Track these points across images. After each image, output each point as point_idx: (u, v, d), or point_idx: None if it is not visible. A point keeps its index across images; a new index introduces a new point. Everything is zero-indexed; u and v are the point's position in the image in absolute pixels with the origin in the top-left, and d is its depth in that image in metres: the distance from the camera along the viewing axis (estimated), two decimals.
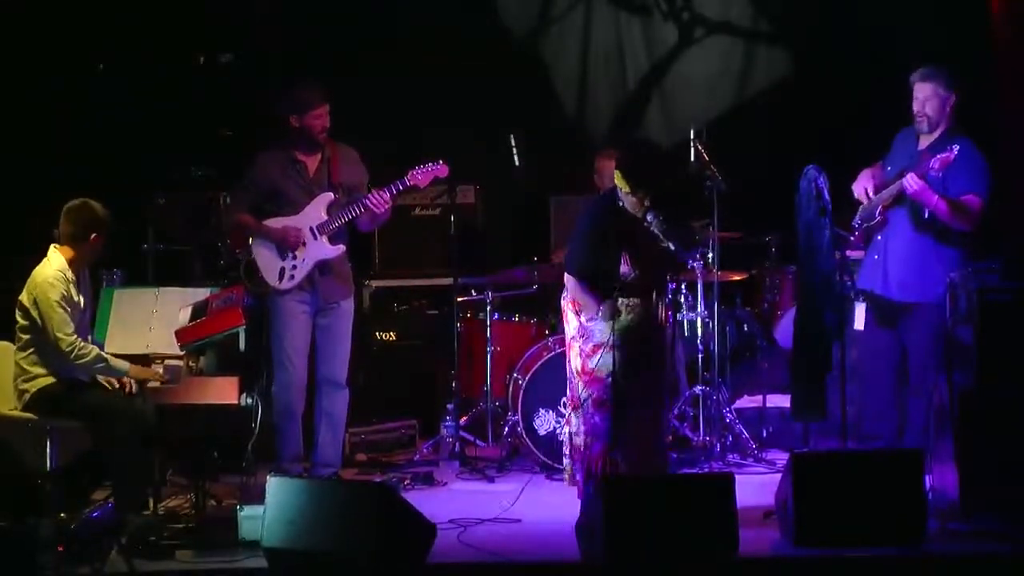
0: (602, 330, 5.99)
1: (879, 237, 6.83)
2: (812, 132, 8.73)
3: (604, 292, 6.02)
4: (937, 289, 6.58)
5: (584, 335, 6.11)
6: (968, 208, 6.58)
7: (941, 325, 6.57)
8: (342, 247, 6.95)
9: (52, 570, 5.41)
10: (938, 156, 6.43)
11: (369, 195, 6.88)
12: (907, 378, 6.78)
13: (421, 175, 6.94)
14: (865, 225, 6.86)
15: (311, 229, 6.89)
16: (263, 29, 8.89)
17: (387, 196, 6.87)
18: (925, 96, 6.72)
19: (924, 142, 6.77)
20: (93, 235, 6.27)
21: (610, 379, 5.97)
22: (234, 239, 7.37)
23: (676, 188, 6.17)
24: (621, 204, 6.09)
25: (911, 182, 6.49)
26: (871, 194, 6.79)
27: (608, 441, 5.94)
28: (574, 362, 6.17)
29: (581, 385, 6.07)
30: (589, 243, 6.12)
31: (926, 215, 6.61)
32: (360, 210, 6.89)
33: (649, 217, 5.95)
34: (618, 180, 6.07)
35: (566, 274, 6.21)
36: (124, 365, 6.19)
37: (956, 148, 6.39)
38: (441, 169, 6.97)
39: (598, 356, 6.00)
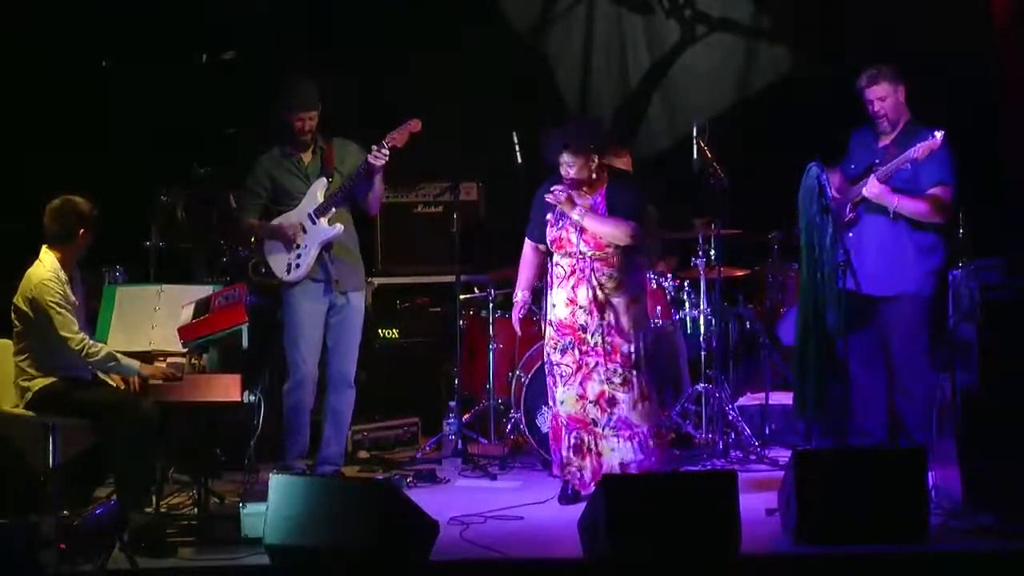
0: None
1: (851, 235, 6.78)
2: (814, 129, 8.70)
3: (524, 281, 6.81)
4: (912, 281, 6.60)
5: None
6: (939, 200, 6.58)
7: (921, 317, 6.59)
8: (340, 226, 6.93)
9: (54, 568, 5.39)
10: (920, 144, 6.41)
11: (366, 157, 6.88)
12: (891, 375, 6.78)
13: (398, 135, 6.92)
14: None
15: (309, 215, 6.92)
16: (263, 27, 8.88)
17: (384, 150, 6.84)
18: (880, 97, 6.72)
19: (886, 138, 6.77)
20: (81, 231, 6.24)
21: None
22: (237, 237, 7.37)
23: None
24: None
25: (871, 187, 6.51)
26: (835, 195, 6.78)
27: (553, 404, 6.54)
28: None
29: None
30: (534, 211, 6.71)
31: (891, 215, 6.61)
32: (360, 174, 6.87)
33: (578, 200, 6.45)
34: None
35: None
36: (135, 363, 6.18)
37: (940, 134, 6.37)
38: (414, 124, 6.97)
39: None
